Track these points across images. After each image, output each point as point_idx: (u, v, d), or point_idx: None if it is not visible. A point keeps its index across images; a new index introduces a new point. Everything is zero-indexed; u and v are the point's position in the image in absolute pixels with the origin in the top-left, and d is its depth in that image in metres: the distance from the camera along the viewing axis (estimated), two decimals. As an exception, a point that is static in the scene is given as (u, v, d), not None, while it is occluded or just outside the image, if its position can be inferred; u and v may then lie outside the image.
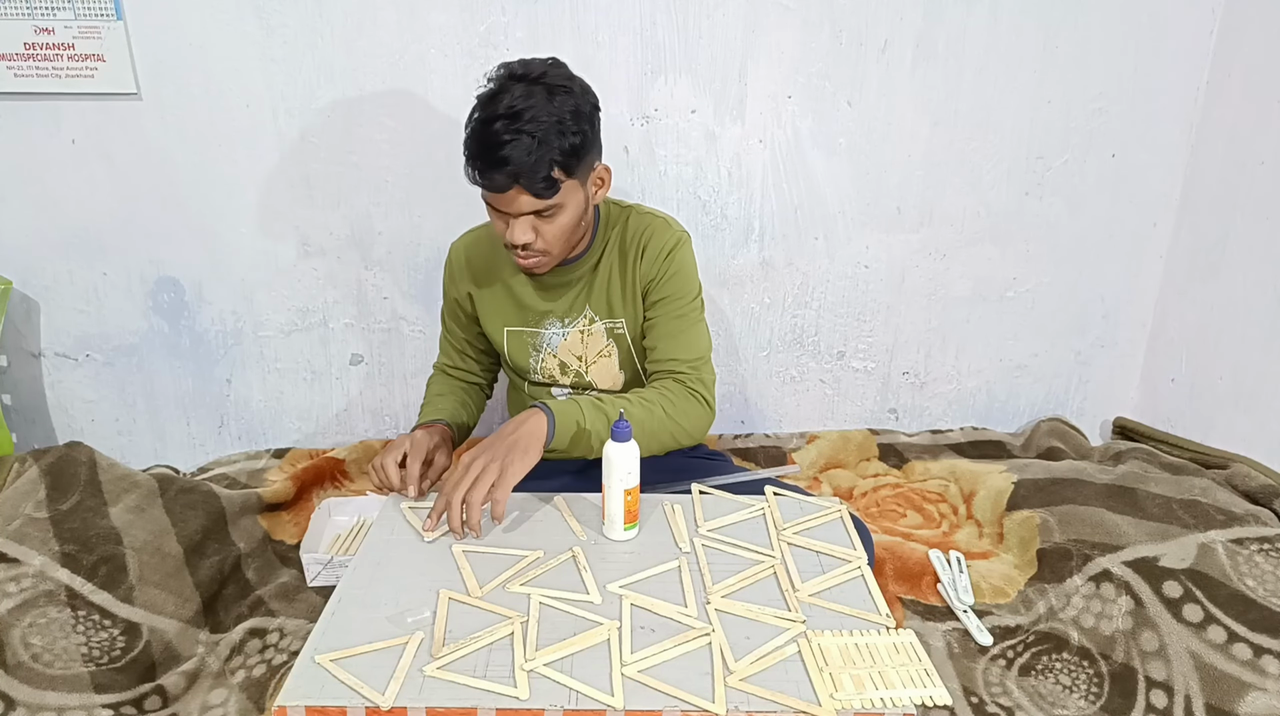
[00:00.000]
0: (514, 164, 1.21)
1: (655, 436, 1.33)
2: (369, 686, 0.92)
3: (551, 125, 1.22)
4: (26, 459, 1.61)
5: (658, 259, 1.42)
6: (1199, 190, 2.01)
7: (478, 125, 1.24)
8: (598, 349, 1.49)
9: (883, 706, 0.91)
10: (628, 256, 1.44)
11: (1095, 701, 1.36)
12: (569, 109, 1.24)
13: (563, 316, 1.48)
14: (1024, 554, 1.64)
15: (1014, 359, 2.21)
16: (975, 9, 1.88)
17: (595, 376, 1.51)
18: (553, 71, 1.26)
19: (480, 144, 1.23)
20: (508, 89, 1.23)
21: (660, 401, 1.34)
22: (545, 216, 1.28)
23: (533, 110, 1.21)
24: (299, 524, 1.79)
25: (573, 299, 1.47)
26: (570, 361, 1.50)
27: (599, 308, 1.47)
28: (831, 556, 1.18)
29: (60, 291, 1.99)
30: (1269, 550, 1.45)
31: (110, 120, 1.85)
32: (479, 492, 1.17)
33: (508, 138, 1.20)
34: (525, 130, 1.20)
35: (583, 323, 1.48)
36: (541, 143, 1.21)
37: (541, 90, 1.23)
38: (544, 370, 1.52)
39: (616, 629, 1.02)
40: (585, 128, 1.27)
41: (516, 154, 1.21)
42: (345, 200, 1.96)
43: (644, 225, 1.44)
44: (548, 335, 1.50)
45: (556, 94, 1.24)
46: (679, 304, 1.43)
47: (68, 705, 1.27)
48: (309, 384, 2.12)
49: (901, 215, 2.05)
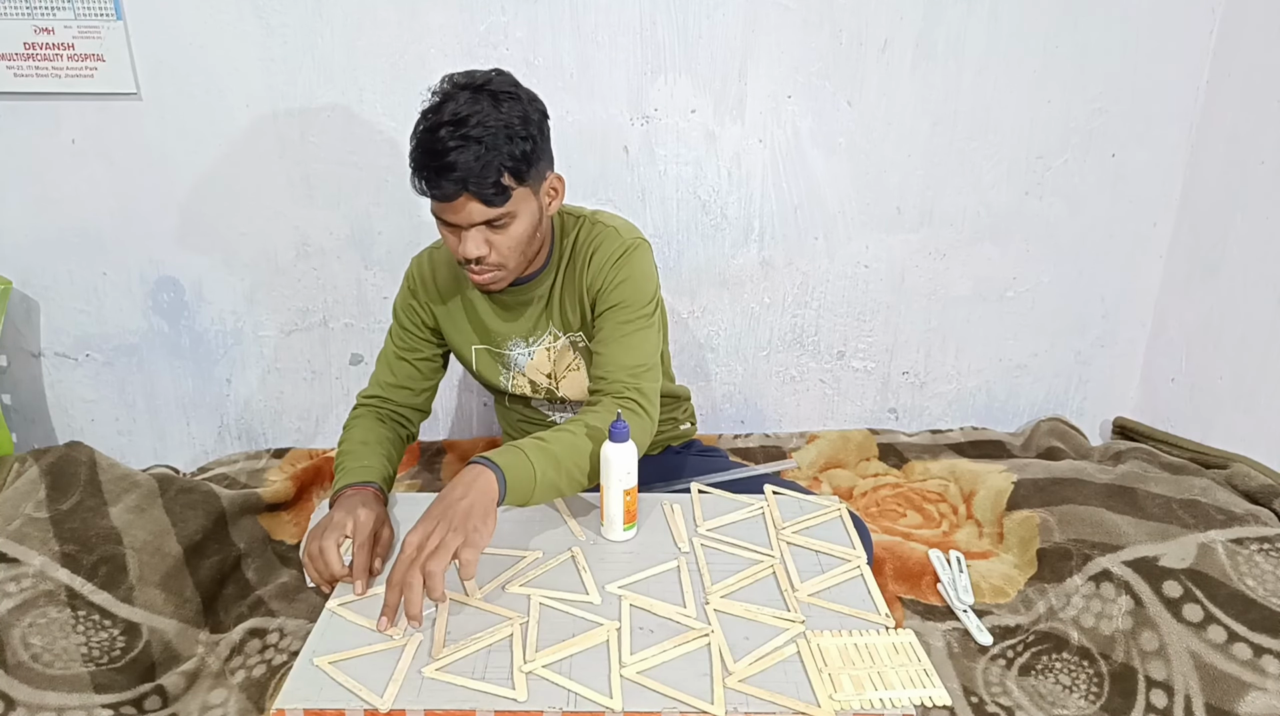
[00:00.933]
0: (462, 170, 1.16)
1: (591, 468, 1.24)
2: (367, 688, 0.92)
3: (499, 130, 1.18)
4: (26, 459, 1.61)
5: (604, 267, 1.36)
6: (1199, 190, 2.01)
7: (423, 134, 1.20)
8: (566, 363, 1.46)
9: (882, 707, 0.91)
10: (578, 265, 1.39)
11: (1095, 701, 1.36)
12: (517, 115, 1.21)
13: (526, 336, 1.44)
14: (1024, 554, 1.64)
15: (1014, 359, 2.21)
16: (975, 9, 1.88)
17: (566, 391, 1.48)
18: (498, 79, 1.23)
19: (426, 152, 1.19)
20: (452, 97, 1.20)
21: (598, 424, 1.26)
22: (497, 227, 1.24)
23: (479, 116, 1.18)
24: (299, 524, 1.79)
25: (535, 317, 1.43)
26: (540, 380, 1.47)
27: (559, 322, 1.43)
28: (831, 556, 1.18)
29: (60, 291, 1.99)
30: (1269, 550, 1.45)
31: (110, 120, 1.85)
32: (438, 562, 1.02)
33: (454, 144, 1.17)
34: (472, 136, 1.17)
35: (548, 340, 1.44)
36: (490, 148, 1.17)
37: (487, 97, 1.20)
38: (515, 387, 1.49)
39: (615, 630, 1.02)
40: (534, 133, 1.23)
41: (464, 159, 1.16)
42: (345, 200, 1.96)
43: (595, 234, 1.39)
44: (513, 356, 1.46)
45: (503, 101, 1.21)
46: (626, 311, 1.35)
47: (68, 705, 1.27)
48: (309, 384, 2.12)
49: (901, 215, 2.05)
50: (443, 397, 2.15)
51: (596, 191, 1.96)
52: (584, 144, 1.93)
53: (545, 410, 1.54)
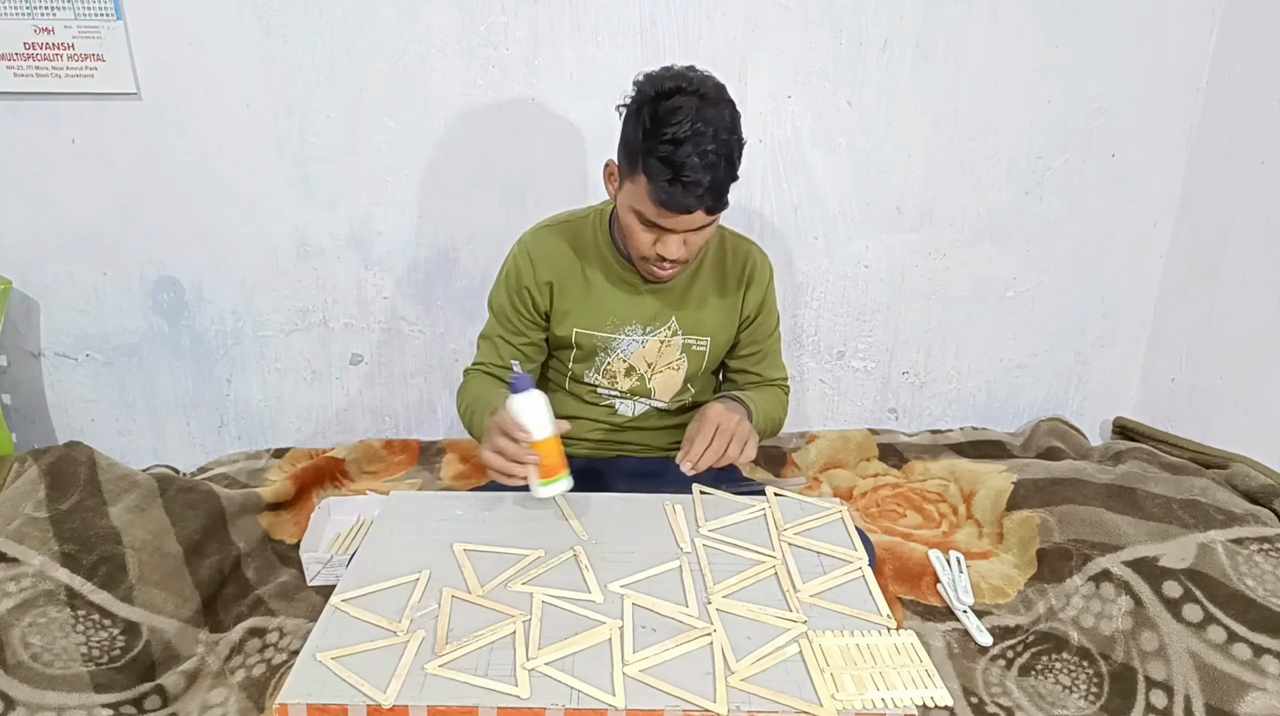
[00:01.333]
0: (709, 189, 1.21)
1: (773, 429, 1.53)
2: (370, 684, 0.92)
3: (731, 144, 1.22)
4: (26, 458, 1.61)
5: (766, 289, 1.51)
6: (1199, 190, 2.01)
7: (667, 147, 1.20)
8: (669, 360, 1.49)
9: (884, 706, 0.91)
10: (729, 278, 1.48)
11: (1095, 701, 1.36)
12: (734, 122, 1.25)
13: (646, 324, 1.47)
14: (1024, 554, 1.64)
15: (1014, 359, 2.21)
16: (975, 9, 1.88)
17: (657, 384, 1.51)
18: (709, 82, 1.26)
19: (672, 167, 1.20)
20: (683, 106, 1.21)
21: (778, 405, 1.56)
22: (702, 229, 1.29)
23: (717, 131, 1.21)
24: (299, 523, 1.79)
25: (659, 308, 1.46)
26: (640, 367, 1.49)
27: (685, 321, 1.47)
28: (832, 557, 1.18)
29: (60, 291, 1.99)
30: (1269, 550, 1.45)
31: (110, 120, 1.85)
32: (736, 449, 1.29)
33: (701, 161, 1.19)
34: (719, 153, 1.20)
35: (665, 333, 1.47)
36: (729, 165, 1.22)
37: (711, 107, 1.22)
38: (606, 372, 1.50)
39: (618, 628, 1.02)
40: (743, 138, 1.27)
41: (710, 179, 1.20)
42: (345, 200, 1.96)
43: (744, 250, 1.50)
44: (624, 340, 1.47)
45: (723, 108, 1.24)
46: (774, 328, 1.57)
47: (67, 705, 1.27)
48: (309, 384, 2.12)
49: (901, 215, 2.05)
50: (443, 397, 2.16)
51: (598, 193, 1.96)
52: (584, 144, 1.93)
53: (614, 400, 1.54)
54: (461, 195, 1.96)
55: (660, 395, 1.53)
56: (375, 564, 1.14)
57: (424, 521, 1.25)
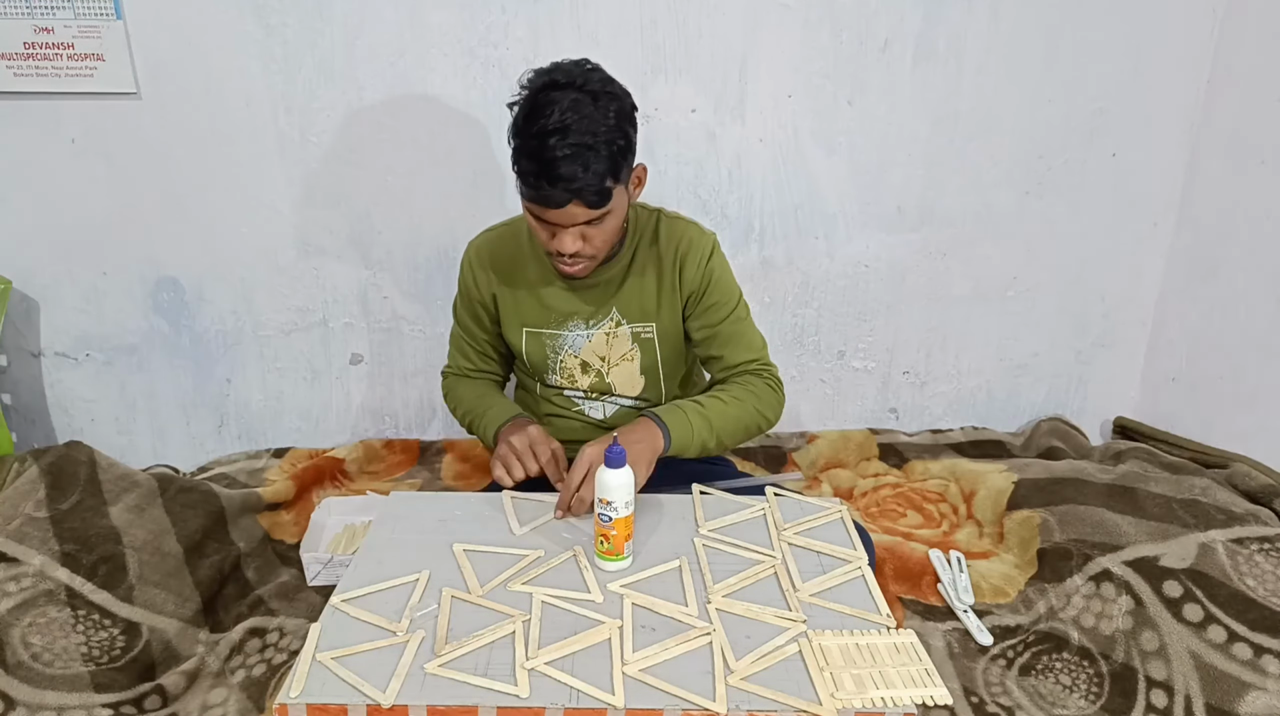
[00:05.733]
0: (575, 180, 1.19)
1: (747, 430, 1.43)
2: (370, 684, 0.92)
3: (604, 135, 1.20)
4: (26, 458, 1.61)
5: (701, 266, 1.43)
6: (1199, 190, 2.01)
7: (531, 141, 1.20)
8: (621, 352, 1.48)
9: (883, 706, 0.91)
10: (664, 262, 1.44)
11: (1095, 701, 1.36)
12: (616, 114, 1.23)
13: (588, 318, 1.47)
14: (1024, 553, 1.64)
15: (1014, 359, 2.21)
16: (975, 9, 1.88)
17: (616, 379, 1.50)
18: (593, 76, 1.24)
19: (535, 160, 1.20)
20: (553, 100, 1.20)
21: (749, 397, 1.43)
22: (593, 223, 1.27)
23: (586, 122, 1.19)
24: (299, 523, 1.79)
25: (600, 301, 1.46)
26: (593, 362, 1.49)
27: (628, 311, 1.46)
28: (832, 556, 1.18)
29: (60, 291, 1.99)
30: (1269, 550, 1.45)
31: (110, 120, 1.85)
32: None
33: (564, 153, 1.18)
34: (583, 144, 1.18)
35: (609, 325, 1.47)
36: (598, 155, 1.20)
37: (588, 98, 1.21)
38: (563, 371, 1.50)
39: (618, 628, 1.02)
40: (629, 131, 1.26)
41: (575, 170, 1.18)
42: (345, 200, 1.96)
43: (678, 231, 1.44)
44: (570, 337, 1.48)
45: (600, 99, 1.22)
46: (729, 307, 1.46)
47: (67, 704, 1.27)
48: (309, 384, 2.12)
49: (902, 215, 2.05)
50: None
51: (597, 191, 1.96)
52: (584, 144, 1.92)
53: (580, 402, 1.54)
54: (461, 195, 1.95)
55: (622, 390, 1.51)
56: (375, 564, 1.14)
57: (424, 521, 1.25)
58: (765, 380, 1.46)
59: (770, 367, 1.49)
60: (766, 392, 1.45)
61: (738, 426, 1.40)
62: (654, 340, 1.47)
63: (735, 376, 1.47)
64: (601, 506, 1.11)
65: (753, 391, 1.44)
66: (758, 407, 1.43)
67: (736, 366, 1.47)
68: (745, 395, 1.42)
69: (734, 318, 1.47)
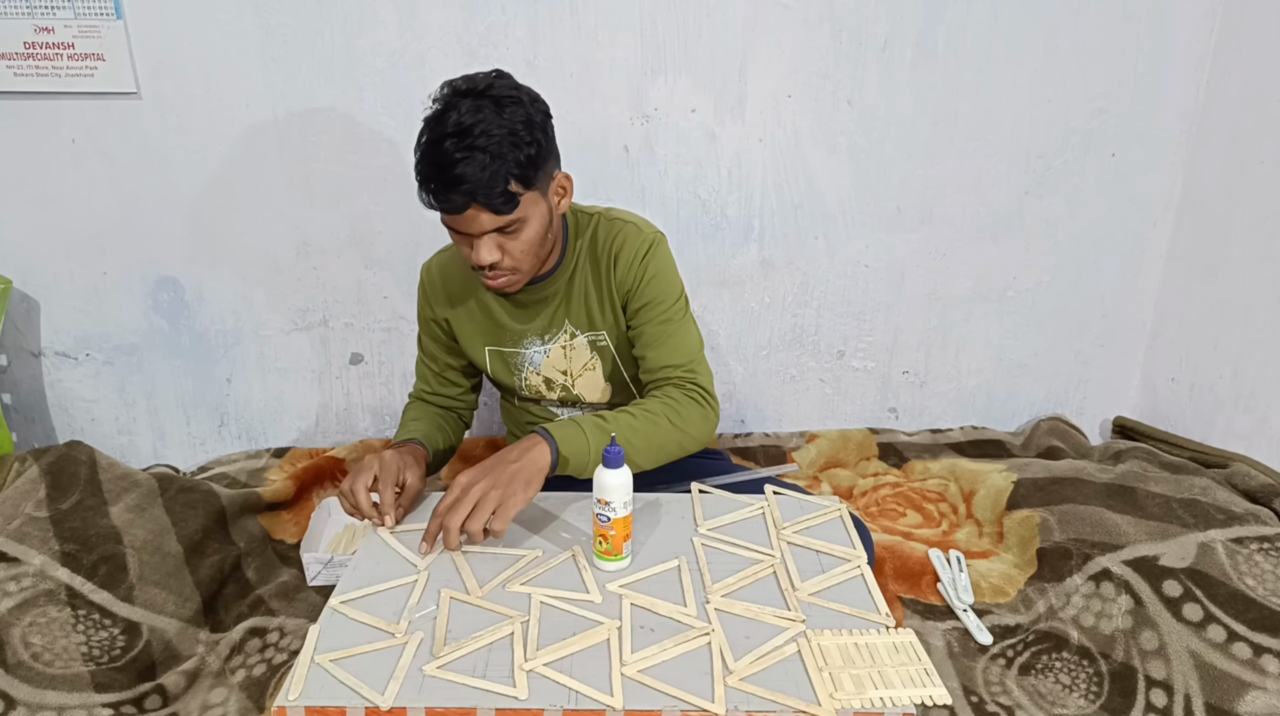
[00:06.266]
0: (469, 182, 1.16)
1: (663, 448, 1.30)
2: (368, 686, 0.92)
3: (504, 138, 1.17)
4: (26, 458, 1.61)
5: (632, 265, 1.37)
6: (1199, 190, 2.01)
7: (427, 146, 1.19)
8: (582, 362, 1.47)
9: (883, 706, 0.91)
10: (600, 265, 1.40)
11: (1095, 700, 1.36)
12: (520, 119, 1.20)
13: (541, 333, 1.45)
14: (1024, 553, 1.64)
15: (1014, 358, 2.21)
16: (975, 9, 1.88)
17: (582, 390, 1.49)
18: (499, 83, 1.22)
19: (432, 165, 1.18)
20: (454, 105, 1.18)
21: (664, 411, 1.30)
22: (509, 233, 1.24)
23: (483, 124, 1.17)
24: (299, 523, 1.79)
25: (550, 315, 1.44)
26: (555, 377, 1.48)
27: (578, 321, 1.44)
28: (831, 555, 1.18)
29: (60, 291, 1.99)
30: (1269, 549, 1.45)
31: (110, 120, 1.85)
32: (477, 522, 1.12)
33: (460, 155, 1.16)
34: (477, 146, 1.16)
35: (563, 338, 1.45)
36: (495, 157, 1.16)
37: (489, 103, 1.19)
38: (529, 387, 1.50)
39: (616, 628, 1.02)
40: (539, 137, 1.22)
41: (470, 171, 1.16)
42: (345, 200, 1.96)
43: (614, 232, 1.39)
44: (529, 354, 1.47)
45: (505, 105, 1.19)
46: (662, 308, 1.38)
47: (68, 704, 1.27)
48: (309, 384, 2.12)
49: (901, 214, 2.05)
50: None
51: (596, 191, 1.96)
52: (584, 143, 1.93)
53: (556, 410, 1.54)
54: (461, 195, 1.95)
55: (591, 399, 1.50)
56: (374, 565, 1.14)
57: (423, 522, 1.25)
58: (687, 392, 1.34)
59: (696, 377, 1.37)
60: (687, 406, 1.33)
61: (648, 444, 1.28)
62: (609, 346, 1.45)
63: (655, 385, 1.38)
64: (599, 507, 1.10)
65: (670, 405, 1.32)
66: (673, 422, 1.30)
67: (658, 372, 1.37)
68: (659, 408, 1.30)
69: (662, 317, 1.38)
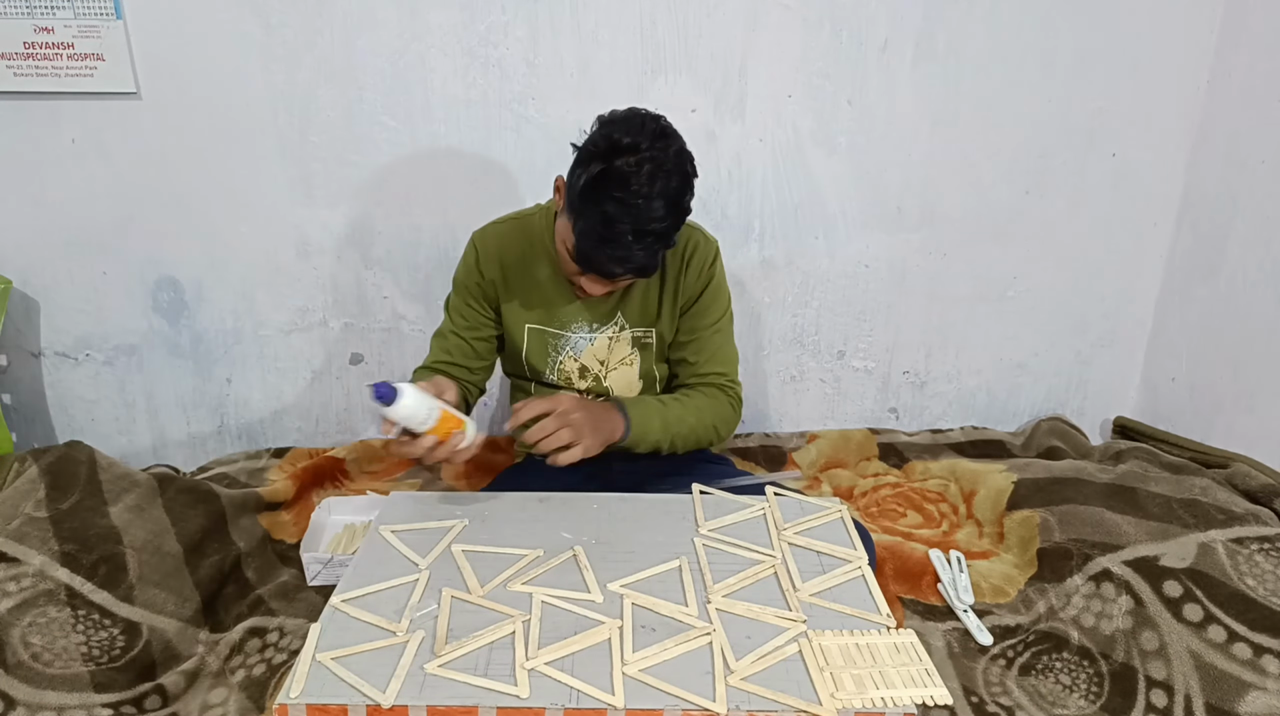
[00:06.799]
0: (635, 264, 1.22)
1: (695, 436, 1.44)
2: (370, 684, 0.92)
3: (675, 224, 1.22)
4: (26, 458, 1.61)
5: (703, 272, 1.44)
6: (1199, 190, 2.01)
7: (603, 216, 1.18)
8: (621, 356, 1.49)
9: (883, 706, 0.91)
10: (670, 266, 1.44)
11: (1095, 701, 1.36)
12: (688, 196, 1.24)
13: (592, 322, 1.47)
14: (1024, 553, 1.64)
15: (1014, 358, 2.21)
16: (975, 9, 1.88)
17: (613, 382, 1.50)
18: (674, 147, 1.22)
19: (605, 242, 1.19)
20: (633, 177, 1.17)
21: (708, 408, 1.45)
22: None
23: (664, 208, 1.18)
24: (299, 523, 1.79)
25: (608, 306, 1.46)
26: (592, 366, 1.49)
27: (631, 316, 1.46)
28: (832, 556, 1.18)
29: (60, 291, 1.99)
30: (1269, 549, 1.45)
31: (110, 119, 1.85)
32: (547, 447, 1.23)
33: (640, 248, 1.19)
34: (657, 233, 1.19)
35: (612, 330, 1.47)
36: (667, 244, 1.23)
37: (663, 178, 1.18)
38: (560, 372, 1.50)
39: (618, 628, 1.02)
40: (687, 209, 1.26)
41: (644, 258, 1.21)
42: (345, 200, 1.96)
43: (684, 235, 1.43)
44: (573, 338, 1.48)
45: (673, 179, 1.20)
46: (718, 318, 1.48)
47: (67, 704, 1.27)
48: (309, 384, 2.12)
49: (902, 214, 2.05)
50: (443, 397, 2.15)
51: (597, 191, 1.96)
52: (584, 144, 1.93)
53: None
54: (461, 195, 1.95)
55: (619, 392, 1.51)
56: (375, 564, 1.14)
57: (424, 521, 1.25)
58: (729, 397, 1.49)
59: (736, 386, 1.51)
60: (726, 410, 1.48)
61: (691, 435, 1.43)
62: (653, 344, 1.47)
63: (702, 385, 1.48)
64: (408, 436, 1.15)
65: (715, 405, 1.47)
66: (715, 422, 1.46)
67: (705, 376, 1.48)
68: (707, 407, 1.45)
69: (717, 327, 1.48)
